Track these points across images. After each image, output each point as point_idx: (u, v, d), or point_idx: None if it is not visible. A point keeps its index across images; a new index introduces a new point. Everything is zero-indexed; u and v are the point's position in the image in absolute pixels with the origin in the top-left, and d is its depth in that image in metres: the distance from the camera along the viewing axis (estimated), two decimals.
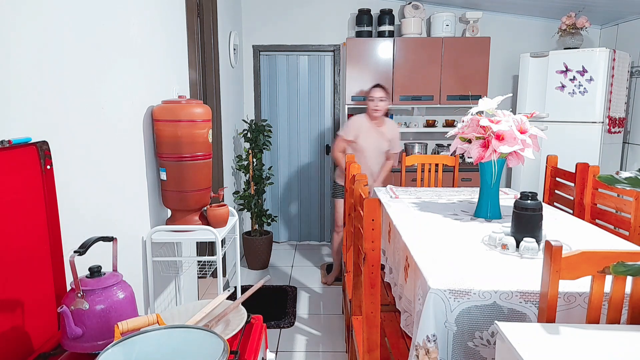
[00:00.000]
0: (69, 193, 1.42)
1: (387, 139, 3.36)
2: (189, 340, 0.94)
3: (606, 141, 3.65)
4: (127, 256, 1.89)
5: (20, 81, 1.22)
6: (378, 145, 3.35)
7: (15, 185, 1.10)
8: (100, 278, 1.12)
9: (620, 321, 1.25)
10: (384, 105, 3.31)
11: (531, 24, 4.36)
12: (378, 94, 3.30)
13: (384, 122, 3.40)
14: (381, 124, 3.37)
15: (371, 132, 3.33)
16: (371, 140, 3.33)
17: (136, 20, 1.95)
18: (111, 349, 0.87)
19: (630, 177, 1.03)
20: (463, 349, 1.39)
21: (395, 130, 3.44)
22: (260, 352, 1.19)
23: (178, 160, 2.03)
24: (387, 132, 3.38)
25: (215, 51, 3.29)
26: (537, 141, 2.03)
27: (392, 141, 3.39)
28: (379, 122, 3.36)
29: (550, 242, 1.19)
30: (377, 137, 3.34)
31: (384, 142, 3.37)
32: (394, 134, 3.41)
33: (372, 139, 3.33)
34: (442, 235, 1.91)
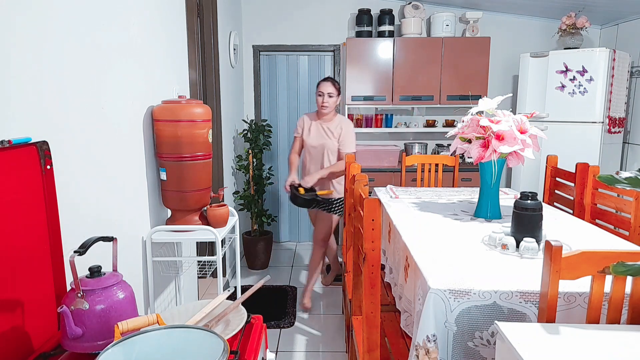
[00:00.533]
0: (69, 193, 1.42)
1: (334, 137, 3.10)
2: (189, 340, 0.94)
3: (606, 141, 3.65)
4: (127, 256, 1.89)
5: (20, 81, 1.22)
6: (323, 143, 3.10)
7: (15, 185, 1.10)
8: (100, 278, 1.12)
9: (620, 321, 1.25)
10: (334, 102, 3.08)
11: (531, 24, 4.36)
12: (327, 88, 3.05)
13: (334, 119, 3.15)
14: (329, 121, 3.13)
15: (315, 129, 3.13)
16: (314, 137, 3.12)
17: (136, 20, 1.95)
18: (111, 349, 0.87)
19: (630, 177, 1.03)
20: (463, 349, 1.39)
21: (347, 128, 3.12)
22: (260, 352, 1.19)
23: (178, 160, 2.03)
24: (335, 129, 3.10)
25: (215, 51, 3.29)
26: (537, 141, 2.03)
27: (341, 139, 3.10)
28: (327, 119, 3.13)
29: (550, 242, 1.19)
30: (322, 135, 3.11)
31: (331, 140, 3.10)
32: (345, 132, 3.10)
33: (315, 136, 3.12)
34: (442, 235, 1.91)
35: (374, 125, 4.40)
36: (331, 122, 3.12)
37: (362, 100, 4.16)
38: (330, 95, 3.05)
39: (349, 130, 3.10)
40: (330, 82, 3.07)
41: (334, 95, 3.06)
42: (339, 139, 3.09)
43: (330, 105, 3.06)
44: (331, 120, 3.13)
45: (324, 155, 3.12)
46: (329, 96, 3.05)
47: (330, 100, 3.05)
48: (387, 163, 4.23)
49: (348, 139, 3.10)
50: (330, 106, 3.07)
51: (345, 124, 3.11)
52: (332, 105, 3.07)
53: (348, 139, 3.10)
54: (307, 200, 3.02)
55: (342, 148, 3.09)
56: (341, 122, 3.12)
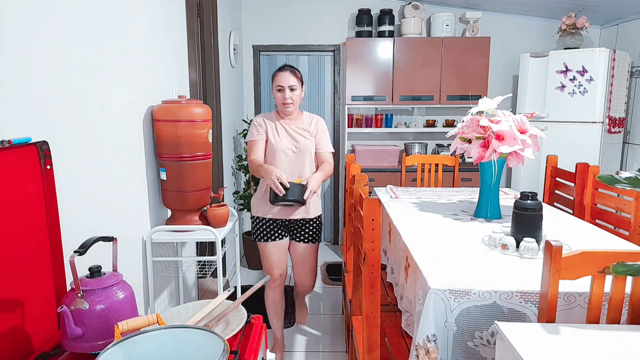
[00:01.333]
0: (69, 193, 1.42)
1: (312, 136, 2.45)
2: (189, 340, 0.94)
3: (606, 141, 3.65)
4: (127, 256, 1.89)
5: (20, 81, 1.22)
6: (303, 146, 2.40)
7: (15, 185, 1.10)
8: (100, 278, 1.12)
9: (620, 321, 1.25)
10: (299, 96, 2.39)
11: (531, 24, 4.36)
12: (288, 80, 2.34)
13: (301, 117, 2.48)
14: (297, 120, 2.45)
15: (284, 132, 2.42)
16: (287, 140, 2.40)
17: (136, 20, 1.95)
18: (111, 349, 0.87)
19: (630, 177, 1.03)
20: (463, 349, 1.39)
21: (322, 124, 2.50)
22: (260, 352, 1.19)
23: (178, 160, 2.03)
24: (310, 127, 2.46)
25: (215, 51, 3.29)
26: (537, 141, 2.03)
27: (318, 139, 2.46)
28: (293, 118, 2.45)
29: (550, 242, 1.19)
30: (295, 137, 2.42)
31: (310, 141, 2.43)
32: (321, 129, 2.48)
33: (288, 139, 2.41)
34: (442, 235, 1.91)
35: (374, 125, 4.40)
36: (300, 120, 2.46)
37: (362, 100, 4.16)
38: (293, 88, 2.35)
39: (325, 127, 2.51)
40: (289, 72, 2.35)
41: (297, 87, 2.37)
42: (317, 137, 2.46)
43: (295, 101, 2.38)
44: (299, 119, 2.47)
45: (305, 161, 2.41)
46: (290, 90, 2.34)
47: (294, 94, 2.36)
48: (387, 163, 4.23)
49: (325, 135, 2.48)
50: (295, 102, 2.38)
51: (320, 120, 2.50)
52: (297, 100, 2.39)
53: (325, 135, 2.48)
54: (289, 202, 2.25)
55: (322, 147, 2.45)
56: (313, 118, 2.49)
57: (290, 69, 2.37)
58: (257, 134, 2.39)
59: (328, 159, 2.45)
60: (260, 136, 2.38)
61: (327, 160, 2.44)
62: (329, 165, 2.44)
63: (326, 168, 2.41)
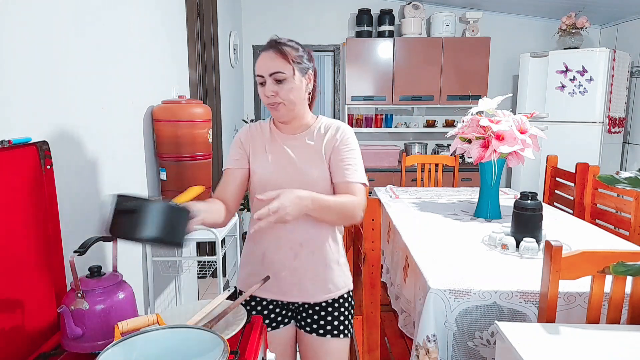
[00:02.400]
0: (69, 193, 1.42)
1: (323, 155, 1.39)
2: (189, 340, 0.94)
3: (606, 141, 3.65)
4: (127, 256, 1.89)
5: (21, 81, 1.22)
6: (302, 174, 1.38)
7: (15, 185, 1.10)
8: (100, 278, 1.12)
9: (620, 321, 1.25)
10: (298, 89, 1.35)
11: (531, 24, 4.36)
12: (272, 65, 1.32)
13: (313, 125, 1.44)
14: (304, 129, 1.43)
15: (279, 151, 1.41)
16: (278, 166, 1.40)
17: (136, 20, 1.95)
18: (111, 349, 0.87)
19: (630, 177, 1.03)
20: (463, 349, 1.39)
21: (343, 135, 1.41)
22: (260, 352, 1.19)
23: (178, 160, 2.03)
24: (320, 143, 1.40)
25: (215, 51, 3.29)
26: (537, 141, 2.03)
27: (341, 157, 1.38)
28: (297, 126, 1.43)
29: (550, 242, 1.19)
30: (293, 158, 1.40)
31: (317, 167, 1.38)
32: (340, 143, 1.39)
33: (280, 164, 1.40)
34: (442, 235, 1.91)
35: (374, 125, 4.40)
36: (309, 132, 1.42)
37: (362, 100, 4.16)
38: (279, 78, 1.31)
39: (351, 141, 1.41)
40: (274, 51, 1.32)
41: (288, 75, 1.31)
42: (333, 157, 1.38)
43: (286, 98, 1.33)
44: (307, 126, 1.43)
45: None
46: (275, 81, 1.32)
47: (282, 88, 1.32)
48: (387, 163, 4.23)
49: (350, 155, 1.39)
50: (287, 101, 1.33)
51: (344, 130, 1.42)
52: (290, 98, 1.33)
53: (350, 155, 1.39)
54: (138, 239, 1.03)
55: (341, 175, 1.37)
56: (331, 127, 1.42)
57: (278, 46, 1.32)
58: (232, 159, 1.43)
59: (352, 192, 1.34)
60: (235, 163, 1.42)
61: (355, 193, 1.34)
62: (353, 200, 1.32)
63: (344, 200, 1.30)
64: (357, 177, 1.37)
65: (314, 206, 1.23)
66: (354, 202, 1.33)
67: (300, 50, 1.39)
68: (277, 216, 1.12)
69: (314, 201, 1.23)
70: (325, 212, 1.28)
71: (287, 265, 1.41)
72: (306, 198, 1.21)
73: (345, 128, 1.44)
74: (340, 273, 1.46)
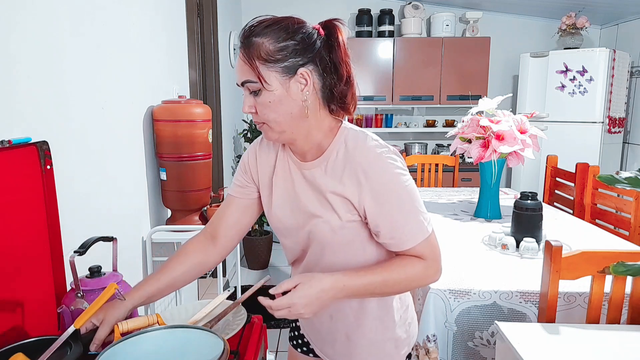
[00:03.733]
0: (69, 193, 1.42)
1: (337, 201, 0.91)
2: (189, 340, 0.94)
3: (606, 141, 3.65)
4: (127, 256, 1.89)
5: (21, 81, 1.22)
6: (310, 222, 0.95)
7: (15, 185, 1.10)
8: (100, 278, 1.12)
9: (620, 321, 1.25)
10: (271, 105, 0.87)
11: (531, 24, 4.36)
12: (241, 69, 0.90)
13: (328, 145, 0.94)
14: (313, 154, 0.95)
15: (285, 180, 1.00)
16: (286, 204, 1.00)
17: (136, 20, 1.95)
18: (111, 349, 0.87)
19: (630, 177, 1.03)
20: (463, 349, 1.39)
21: (373, 173, 0.87)
22: (260, 352, 1.19)
23: (178, 160, 2.03)
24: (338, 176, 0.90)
25: (215, 51, 3.29)
26: (537, 141, 2.03)
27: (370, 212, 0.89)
28: (304, 150, 0.95)
29: (550, 242, 1.19)
30: (300, 196, 0.97)
31: (328, 214, 0.92)
32: (373, 189, 0.87)
33: (287, 200, 1.00)
34: (442, 235, 1.91)
35: (374, 125, 4.40)
36: (322, 155, 0.94)
37: (362, 100, 4.16)
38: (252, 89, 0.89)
39: (389, 178, 0.88)
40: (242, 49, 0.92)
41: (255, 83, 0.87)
42: (366, 208, 0.90)
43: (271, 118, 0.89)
44: (321, 150, 0.95)
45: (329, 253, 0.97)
46: (251, 93, 0.90)
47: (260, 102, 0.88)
48: None
49: (395, 205, 0.89)
50: (271, 121, 0.90)
51: (374, 159, 0.89)
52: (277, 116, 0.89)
53: (395, 205, 0.89)
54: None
55: (394, 245, 0.92)
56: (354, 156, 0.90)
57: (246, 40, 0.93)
58: (235, 184, 1.09)
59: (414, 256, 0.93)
60: (238, 191, 1.08)
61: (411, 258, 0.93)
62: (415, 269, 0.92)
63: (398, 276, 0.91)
64: (410, 240, 0.90)
65: (345, 296, 0.89)
66: (415, 275, 0.91)
67: (283, 38, 0.90)
68: (289, 313, 0.88)
69: (345, 290, 0.87)
70: (367, 295, 0.93)
71: (324, 322, 1.08)
72: (332, 289, 0.86)
73: (365, 157, 0.88)
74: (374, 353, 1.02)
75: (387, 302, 1.02)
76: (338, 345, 1.08)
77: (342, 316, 1.04)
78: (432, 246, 0.94)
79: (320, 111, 0.93)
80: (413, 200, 0.90)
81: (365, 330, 1.03)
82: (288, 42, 0.90)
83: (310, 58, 0.91)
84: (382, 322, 1.03)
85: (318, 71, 0.91)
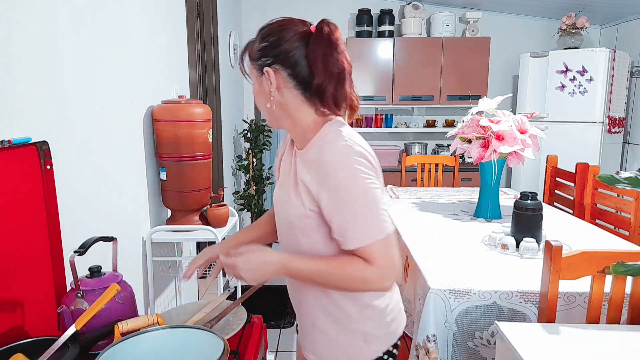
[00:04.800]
0: (69, 193, 1.42)
1: (300, 190, 0.98)
2: (189, 340, 0.94)
3: (606, 141, 3.65)
4: (127, 256, 1.89)
5: (21, 81, 1.22)
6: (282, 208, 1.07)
7: (15, 185, 1.10)
8: (100, 278, 1.12)
9: (620, 321, 1.25)
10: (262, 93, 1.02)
11: (531, 24, 4.36)
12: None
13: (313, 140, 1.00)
14: (301, 143, 1.04)
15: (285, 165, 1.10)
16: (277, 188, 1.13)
17: (136, 20, 1.95)
18: (111, 349, 0.87)
19: (630, 177, 1.03)
20: (463, 349, 1.39)
21: (325, 167, 0.92)
22: (260, 352, 1.19)
23: (178, 160, 2.03)
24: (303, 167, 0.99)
25: (215, 51, 3.29)
26: (537, 141, 2.03)
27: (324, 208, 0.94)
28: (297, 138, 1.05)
29: (550, 242, 1.19)
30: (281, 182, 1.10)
31: (291, 201, 1.01)
32: (323, 182, 0.93)
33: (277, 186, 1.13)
34: (442, 235, 1.91)
35: (374, 125, 4.40)
36: (305, 150, 1.02)
37: (362, 100, 4.16)
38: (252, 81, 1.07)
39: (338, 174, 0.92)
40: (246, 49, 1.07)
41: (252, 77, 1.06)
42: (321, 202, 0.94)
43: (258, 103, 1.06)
44: (307, 140, 1.02)
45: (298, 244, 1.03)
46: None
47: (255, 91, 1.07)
48: (387, 163, 4.23)
49: (344, 203, 0.92)
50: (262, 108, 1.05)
51: (325, 155, 0.94)
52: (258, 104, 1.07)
53: (344, 203, 0.92)
54: None
55: (343, 243, 0.94)
56: (315, 145, 0.98)
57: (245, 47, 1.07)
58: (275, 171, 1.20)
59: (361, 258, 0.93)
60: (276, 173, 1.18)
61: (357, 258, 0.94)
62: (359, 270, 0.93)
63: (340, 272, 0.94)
64: (357, 240, 0.91)
65: (286, 274, 0.96)
66: (356, 275, 0.92)
67: (262, 39, 1.01)
68: (233, 273, 0.94)
69: (286, 269, 0.94)
70: (307, 281, 0.99)
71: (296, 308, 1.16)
72: (274, 264, 0.93)
73: (329, 155, 0.93)
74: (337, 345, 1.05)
75: (335, 295, 1.03)
76: (306, 331, 1.12)
77: (306, 304, 1.09)
78: (383, 253, 0.92)
79: (303, 106, 1.00)
80: (368, 202, 0.92)
81: (324, 319, 1.06)
82: (263, 43, 1.01)
83: (276, 58, 0.98)
84: (330, 314, 1.05)
85: (286, 70, 0.97)
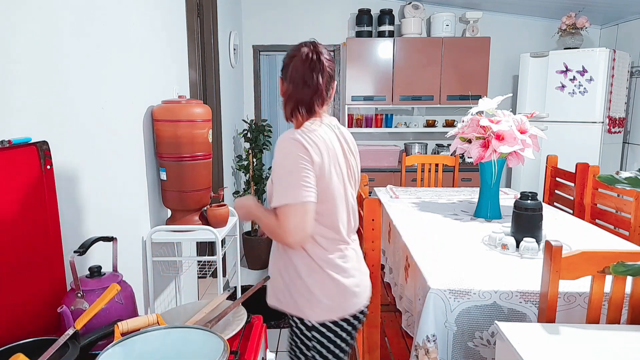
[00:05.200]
0: (69, 193, 1.42)
1: None
2: (189, 340, 0.94)
3: (606, 141, 3.65)
4: (127, 256, 1.89)
5: (21, 81, 1.22)
6: None
7: (15, 185, 1.10)
8: (100, 278, 1.12)
9: (620, 321, 1.25)
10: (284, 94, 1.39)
11: (531, 24, 4.36)
12: None
13: None
14: None
15: None
16: None
17: (136, 20, 1.95)
18: (111, 349, 0.87)
19: (630, 177, 1.03)
20: (463, 349, 1.39)
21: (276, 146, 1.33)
22: (260, 352, 1.19)
23: (178, 160, 2.03)
24: None
25: (215, 51, 3.29)
26: (537, 141, 2.03)
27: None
28: None
29: (550, 242, 1.19)
30: None
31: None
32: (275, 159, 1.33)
33: None
34: (442, 235, 1.91)
35: (374, 125, 4.40)
36: None
37: (362, 100, 4.16)
38: None
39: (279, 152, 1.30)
40: None
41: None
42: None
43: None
44: None
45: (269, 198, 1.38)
46: None
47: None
48: (387, 163, 4.23)
49: (276, 172, 1.31)
50: None
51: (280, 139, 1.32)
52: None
53: (276, 172, 1.31)
54: None
55: (271, 193, 1.32)
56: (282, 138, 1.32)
57: None
58: None
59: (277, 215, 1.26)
60: None
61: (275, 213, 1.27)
62: (273, 224, 1.26)
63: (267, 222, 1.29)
64: (275, 201, 1.25)
65: (249, 217, 1.40)
66: (272, 227, 1.27)
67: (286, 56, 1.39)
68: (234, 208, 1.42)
69: (249, 213, 1.39)
70: (258, 223, 1.35)
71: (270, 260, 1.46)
72: (245, 207, 1.39)
73: (281, 138, 1.28)
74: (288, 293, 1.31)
75: (290, 251, 1.32)
76: (272, 280, 1.38)
77: (273, 256, 1.41)
78: (289, 215, 1.22)
79: (300, 108, 1.35)
80: (288, 173, 1.24)
81: (282, 268, 1.35)
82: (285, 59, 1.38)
83: (283, 72, 1.37)
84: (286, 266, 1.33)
85: (286, 81, 1.35)
